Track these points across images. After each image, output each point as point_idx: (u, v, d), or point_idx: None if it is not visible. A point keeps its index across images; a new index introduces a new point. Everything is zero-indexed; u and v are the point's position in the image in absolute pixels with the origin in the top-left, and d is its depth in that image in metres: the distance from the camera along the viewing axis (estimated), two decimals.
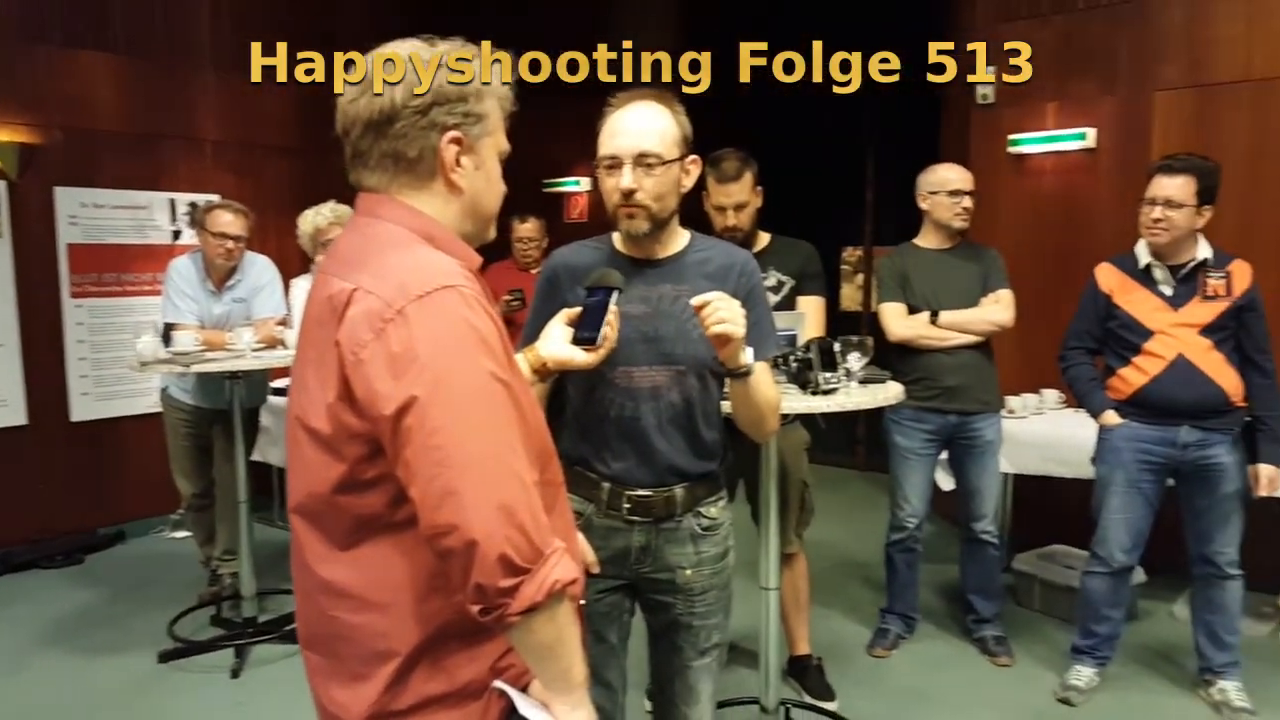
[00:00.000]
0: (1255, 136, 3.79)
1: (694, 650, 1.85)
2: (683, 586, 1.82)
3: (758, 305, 1.81)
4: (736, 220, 2.77)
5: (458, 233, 1.20)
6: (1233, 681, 2.96)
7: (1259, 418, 2.84)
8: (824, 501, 5.26)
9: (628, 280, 1.72)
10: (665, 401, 1.74)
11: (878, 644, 3.43)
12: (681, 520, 1.80)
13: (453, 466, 1.01)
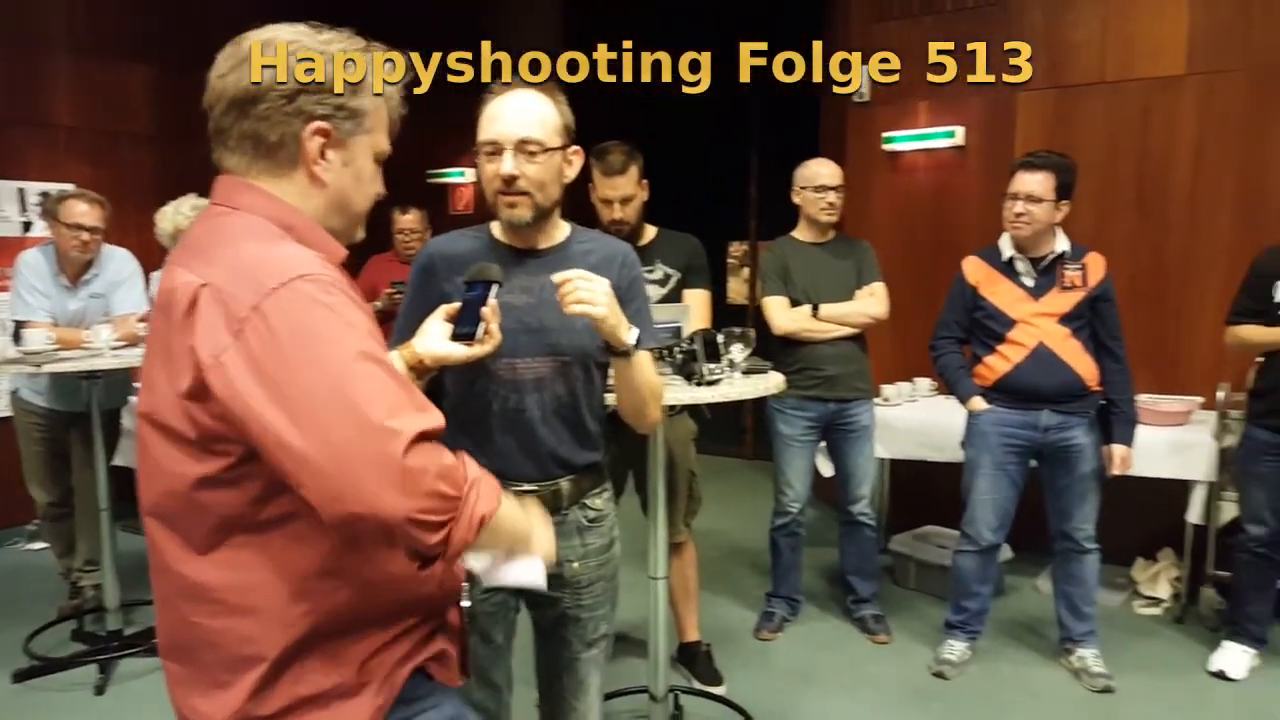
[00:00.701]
0: (1109, 136, 4.04)
1: (582, 643, 1.85)
2: (570, 580, 1.81)
3: (637, 298, 1.81)
4: (623, 213, 2.77)
5: (321, 226, 1.16)
6: (1091, 649, 3.15)
7: (1113, 401, 3.03)
8: (713, 490, 5.35)
9: (508, 270, 1.69)
10: (550, 393, 1.72)
11: (763, 627, 3.51)
12: (568, 513, 1.79)
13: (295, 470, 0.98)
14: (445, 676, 1.23)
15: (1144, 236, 4.00)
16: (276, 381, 0.97)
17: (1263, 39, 3.70)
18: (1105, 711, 2.92)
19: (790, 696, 3.04)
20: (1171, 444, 3.50)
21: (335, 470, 0.96)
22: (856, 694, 3.05)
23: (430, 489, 0.99)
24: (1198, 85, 3.85)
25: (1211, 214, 3.87)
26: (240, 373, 0.98)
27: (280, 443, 0.97)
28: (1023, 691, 3.05)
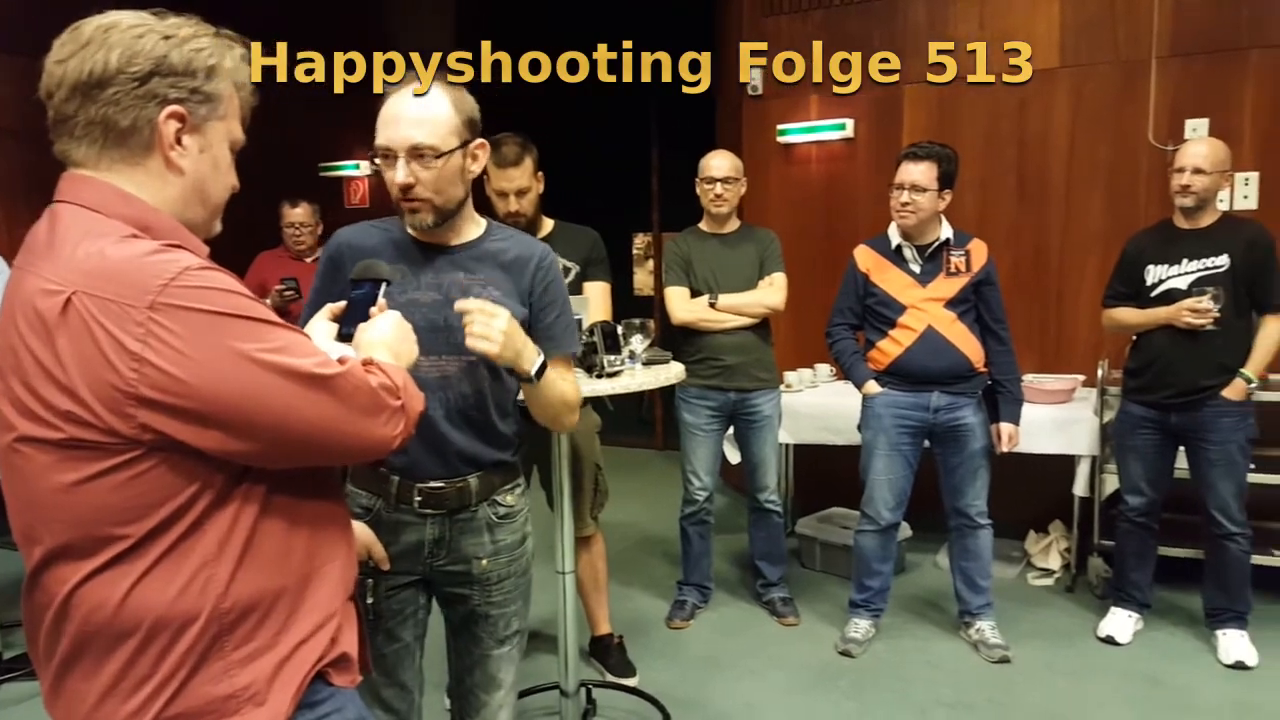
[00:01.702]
0: (989, 128, 4.21)
1: (493, 640, 1.83)
2: (479, 577, 1.78)
3: (558, 300, 1.79)
4: (519, 205, 2.74)
5: (179, 219, 1.11)
6: (988, 621, 3.27)
7: (998, 381, 3.16)
8: (624, 482, 5.41)
9: (417, 266, 1.66)
10: (455, 392, 1.69)
11: (675, 616, 3.53)
12: (477, 510, 1.76)
13: (283, 439, 1.05)
14: (344, 680, 1.20)
15: (1025, 223, 4.19)
16: (204, 373, 0.99)
17: (1126, 33, 3.92)
18: (1003, 681, 3.04)
19: (702, 683, 3.07)
20: (1056, 421, 3.67)
21: (320, 429, 1.07)
22: (766, 676, 3.10)
23: (387, 404, 1.14)
24: (1070, 78, 4.04)
25: (1086, 201, 4.07)
26: (158, 377, 0.98)
27: (244, 429, 1.02)
28: (925, 665, 3.16)
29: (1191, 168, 2.98)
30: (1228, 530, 3.06)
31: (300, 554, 1.14)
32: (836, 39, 4.44)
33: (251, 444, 1.04)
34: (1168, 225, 3.14)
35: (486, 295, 1.68)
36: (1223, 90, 3.79)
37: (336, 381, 1.08)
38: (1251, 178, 3.77)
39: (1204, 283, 2.97)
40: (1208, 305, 2.93)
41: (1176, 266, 3.05)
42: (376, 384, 1.14)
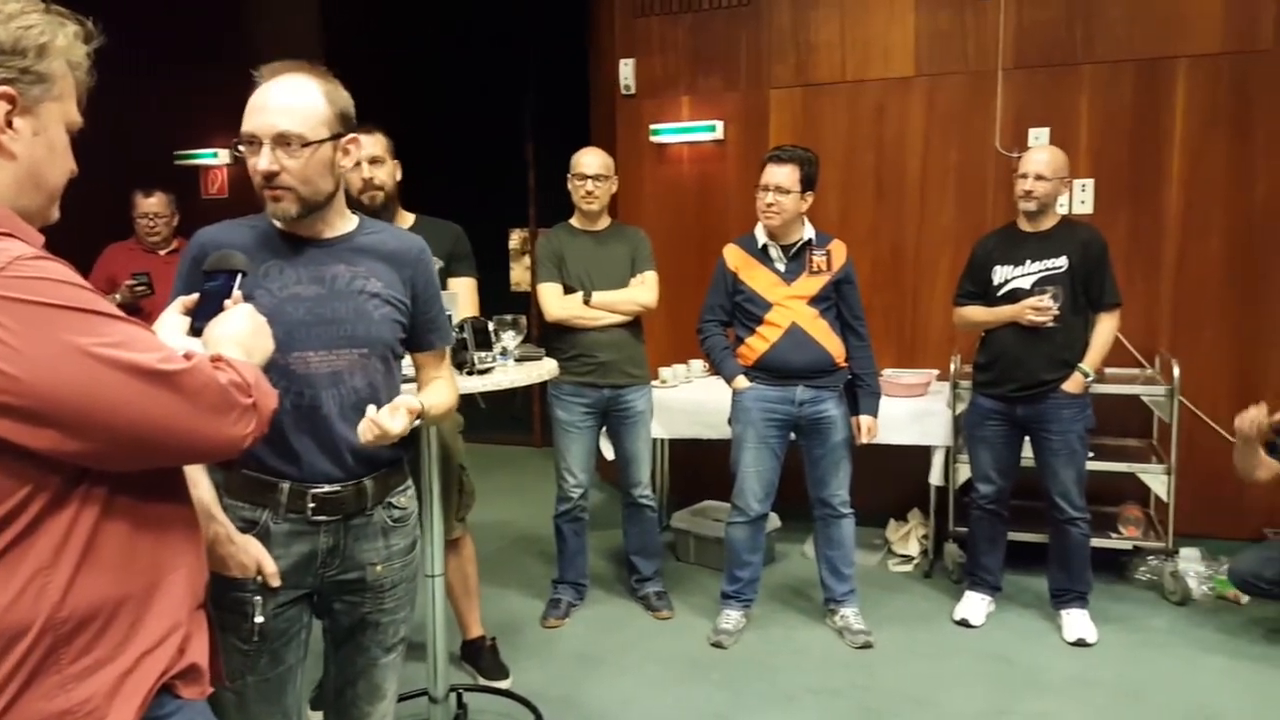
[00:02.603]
0: (850, 131, 4.37)
1: (381, 648, 1.77)
2: (372, 584, 1.72)
3: (434, 296, 1.78)
4: (373, 173, 2.65)
5: (12, 206, 1.04)
6: (852, 608, 3.39)
7: (858, 376, 3.28)
8: (500, 480, 5.35)
9: (293, 260, 1.61)
10: (348, 387, 1.63)
11: (550, 615, 3.51)
12: (372, 514, 1.70)
13: (123, 439, 1.01)
14: (193, 692, 1.15)
15: (883, 224, 4.36)
16: (37, 369, 0.94)
17: (976, 46, 4.14)
18: (866, 665, 3.15)
19: (576, 681, 3.06)
20: (913, 413, 3.84)
21: (163, 428, 1.02)
22: (640, 671, 3.12)
23: (237, 401, 1.09)
24: (924, 86, 4.24)
25: (939, 203, 4.28)
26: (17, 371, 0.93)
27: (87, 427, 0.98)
28: (793, 653, 3.24)
29: (1034, 174, 3.18)
30: (1069, 515, 3.27)
31: (144, 560, 1.09)
32: (705, 42, 4.53)
33: (89, 444, 0.98)
34: (1012, 228, 3.34)
35: (370, 287, 1.66)
36: (1061, 101, 4.06)
37: (180, 378, 1.03)
38: (1088, 184, 4.04)
39: (1045, 283, 3.18)
40: (1048, 304, 3.13)
41: (1020, 267, 3.24)
42: (225, 381, 1.09)
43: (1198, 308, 3.97)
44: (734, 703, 2.91)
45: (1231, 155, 3.87)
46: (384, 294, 1.67)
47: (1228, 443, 3.91)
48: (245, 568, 1.56)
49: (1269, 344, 3.83)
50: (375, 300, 1.65)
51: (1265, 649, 3.18)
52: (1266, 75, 3.79)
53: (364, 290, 1.65)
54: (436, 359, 1.82)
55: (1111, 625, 3.35)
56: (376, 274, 1.67)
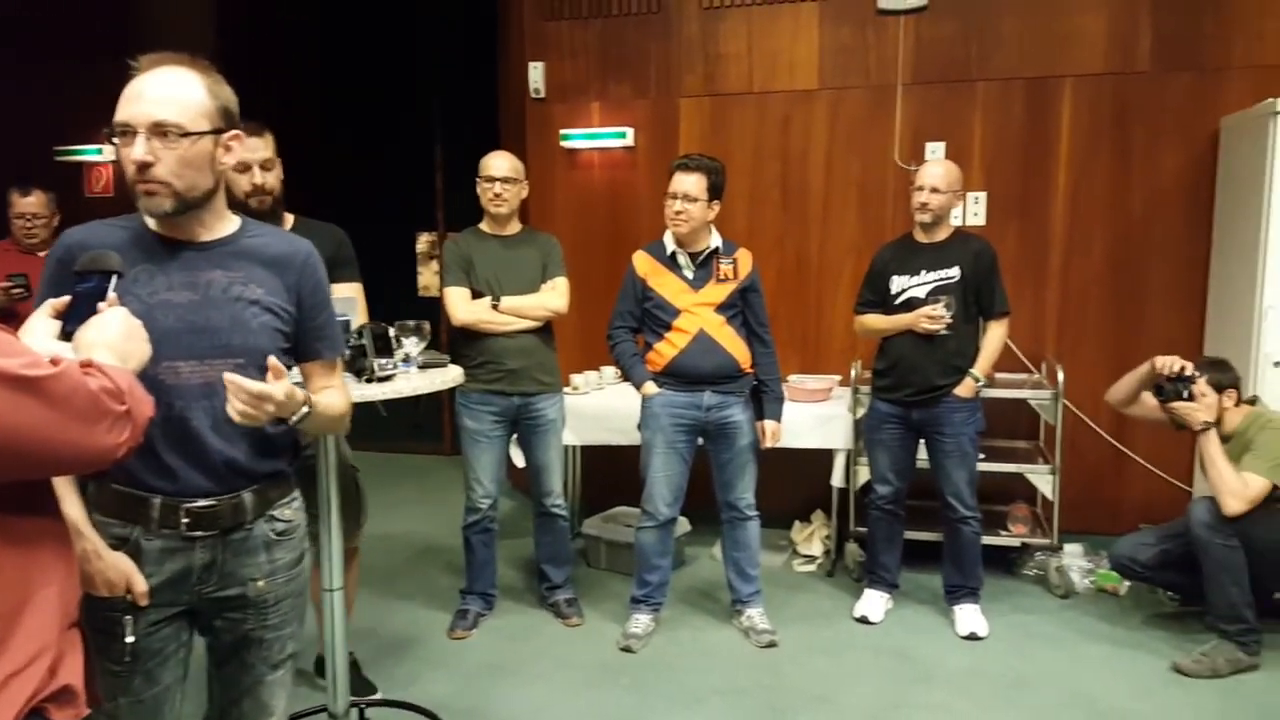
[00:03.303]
0: (756, 141, 4.46)
1: (267, 665, 1.72)
2: (255, 600, 1.66)
3: (328, 299, 1.72)
4: (264, 179, 2.55)
5: None
6: (757, 609, 3.46)
7: (763, 381, 3.35)
8: (408, 491, 5.27)
9: (166, 264, 1.54)
10: (222, 400, 1.55)
11: (458, 626, 3.47)
12: (253, 528, 1.65)
13: None
14: (66, 715, 1.11)
15: (788, 233, 4.47)
16: None
17: (876, 61, 4.27)
18: (770, 664, 3.22)
19: (484, 692, 3.03)
20: (816, 417, 3.94)
21: (29, 438, 0.98)
22: (550, 679, 3.12)
23: (109, 409, 1.07)
24: (827, 99, 4.36)
25: (841, 214, 4.41)
26: None
27: None
28: (700, 655, 3.29)
29: (929, 187, 3.30)
30: (962, 514, 3.41)
31: (10, 577, 1.04)
32: (615, 48, 4.56)
33: None
34: (909, 239, 3.46)
35: (249, 294, 1.60)
36: (957, 117, 4.23)
37: (47, 384, 0.99)
38: (980, 197, 4.22)
39: (939, 292, 3.31)
40: (941, 312, 3.26)
41: (916, 277, 3.36)
42: (96, 387, 1.05)
43: (1081, 316, 4.19)
44: (642, 706, 2.94)
45: (1112, 171, 4.10)
46: (264, 301, 1.61)
47: (1108, 444, 4.16)
48: (113, 585, 1.51)
49: (1144, 351, 4.04)
50: (254, 308, 1.59)
51: (1141, 637, 3.37)
52: (1143, 95, 4.02)
53: (241, 297, 1.59)
54: (326, 370, 1.75)
55: (1001, 619, 3.50)
56: (257, 280, 1.61)
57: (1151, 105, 4.02)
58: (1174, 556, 3.29)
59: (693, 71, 4.48)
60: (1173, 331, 4.05)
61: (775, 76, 4.40)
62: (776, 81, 4.39)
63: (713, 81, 4.46)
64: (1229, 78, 3.91)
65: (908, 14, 4.20)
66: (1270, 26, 3.85)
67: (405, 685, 3.05)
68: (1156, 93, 4.00)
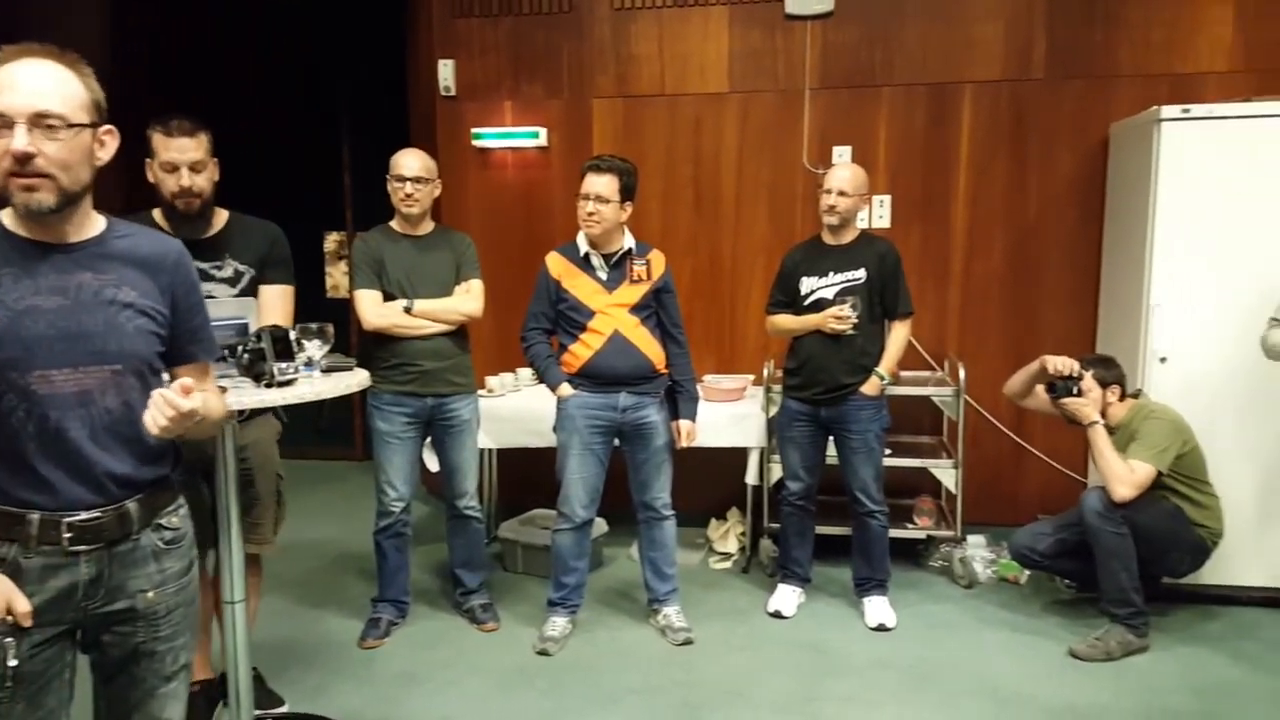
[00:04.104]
0: (669, 143, 4.48)
1: (159, 678, 1.66)
2: (145, 612, 1.61)
3: (197, 304, 1.67)
4: (192, 181, 2.46)
5: None
6: (673, 606, 3.48)
7: (677, 382, 3.37)
8: (319, 497, 5.14)
9: (31, 267, 1.46)
10: (99, 408, 1.51)
11: (369, 635, 3.39)
12: (139, 538, 1.59)
13: None
14: None
15: (701, 234, 4.51)
16: None
17: (785, 65, 4.35)
18: (686, 662, 3.24)
19: (396, 701, 2.97)
20: (731, 416, 3.99)
21: None
22: (463, 686, 3.08)
23: None
24: (738, 102, 4.41)
25: (752, 216, 4.47)
26: None
27: None
28: (617, 655, 3.29)
29: (836, 190, 3.38)
30: (869, 509, 3.50)
31: None
32: (526, 47, 4.53)
33: None
34: (817, 241, 3.53)
35: (122, 296, 1.54)
36: (863, 121, 4.34)
37: None
38: (886, 200, 4.34)
39: (845, 293, 3.39)
40: (848, 313, 3.34)
41: (824, 278, 3.44)
42: None
43: (981, 315, 4.35)
44: (558, 709, 2.92)
45: (1009, 175, 4.26)
46: (138, 304, 1.55)
47: (1008, 438, 4.32)
48: None
49: (1042, 347, 4.21)
50: (128, 311, 1.53)
51: (1040, 623, 3.51)
52: (1039, 101, 4.19)
53: (115, 300, 1.53)
54: (200, 373, 1.69)
55: (908, 610, 3.61)
56: (129, 282, 1.55)
57: (1046, 111, 4.19)
58: (1069, 545, 3.44)
59: (605, 72, 4.48)
60: (1067, 328, 4.23)
61: (686, 79, 4.43)
62: (688, 84, 4.43)
63: (625, 82, 4.47)
64: (1118, 85, 4.10)
65: (814, 19, 4.28)
66: (1156, 37, 4.06)
67: (313, 697, 2.97)
68: (1051, 99, 4.18)
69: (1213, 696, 2.96)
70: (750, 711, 2.90)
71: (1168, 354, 3.60)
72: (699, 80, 4.42)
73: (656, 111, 4.47)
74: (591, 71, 4.49)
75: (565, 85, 4.52)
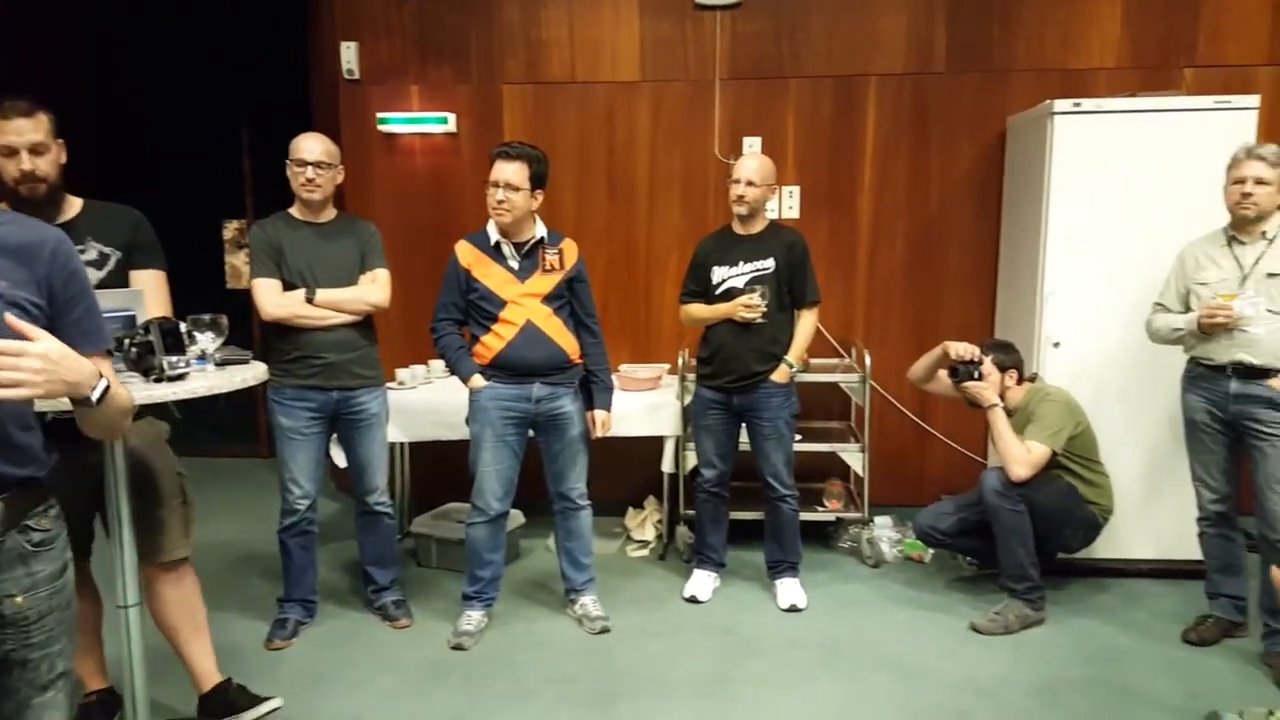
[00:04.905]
0: (582, 131, 4.46)
1: (34, 687, 1.57)
2: (14, 618, 1.52)
3: (86, 290, 1.59)
4: (34, 165, 2.30)
5: None
6: (590, 596, 3.48)
7: (592, 372, 3.36)
8: (222, 496, 4.96)
9: None
10: None
11: (276, 636, 3.30)
12: (5, 540, 1.51)
13: None
14: None
15: (616, 223, 4.51)
16: None
17: (695, 55, 4.37)
18: (603, 650, 3.25)
19: (305, 703, 2.89)
20: (647, 405, 4.01)
21: None
22: (375, 685, 3.01)
23: None
24: (649, 91, 4.42)
25: (666, 205, 4.48)
26: None
27: None
28: (533, 647, 3.28)
29: (745, 180, 3.41)
30: (781, 493, 3.56)
31: None
32: (433, 30, 4.44)
33: None
34: (728, 230, 3.56)
35: None
36: (772, 112, 4.39)
37: None
38: (795, 190, 4.41)
39: (755, 282, 3.43)
40: (757, 301, 3.38)
41: (735, 267, 3.47)
42: None
43: (886, 303, 4.47)
44: (472, 704, 2.89)
45: (912, 166, 4.38)
46: (8, 295, 1.47)
47: (912, 422, 4.45)
48: None
49: (944, 334, 4.35)
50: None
51: (943, 600, 3.64)
52: (940, 94, 4.31)
53: None
54: (99, 365, 1.59)
55: (819, 590, 3.69)
56: (1, 272, 1.47)
57: (947, 104, 4.32)
58: (970, 524, 3.57)
59: (515, 58, 4.43)
60: (968, 315, 4.38)
61: (598, 67, 4.41)
62: (599, 72, 4.41)
63: (535, 69, 4.42)
64: (1014, 80, 4.25)
65: (723, 9, 4.31)
66: (1050, 34, 4.22)
67: None
68: (951, 92, 4.30)
69: (1104, 664, 3.11)
70: (666, 696, 2.92)
71: (1061, 339, 3.76)
72: (610, 68, 4.40)
73: (568, 99, 4.44)
74: (501, 57, 4.43)
75: (474, 70, 4.44)
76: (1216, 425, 3.09)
